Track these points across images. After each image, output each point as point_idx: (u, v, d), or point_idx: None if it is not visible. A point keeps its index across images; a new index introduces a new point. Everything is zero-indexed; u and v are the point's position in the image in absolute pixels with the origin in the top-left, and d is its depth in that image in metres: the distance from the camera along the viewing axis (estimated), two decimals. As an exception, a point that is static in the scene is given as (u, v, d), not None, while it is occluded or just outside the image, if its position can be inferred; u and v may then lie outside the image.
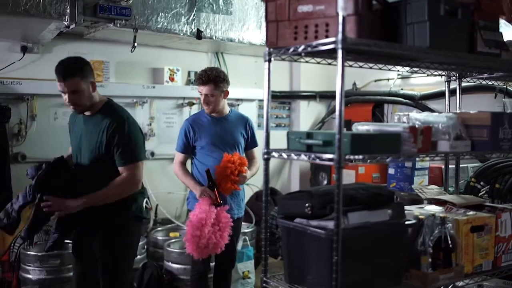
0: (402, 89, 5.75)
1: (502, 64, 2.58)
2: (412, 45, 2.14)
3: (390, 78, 5.84)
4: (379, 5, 2.09)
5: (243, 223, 4.43)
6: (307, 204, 2.09)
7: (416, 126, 2.26)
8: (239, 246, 4.53)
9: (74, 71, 2.98)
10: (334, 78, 1.94)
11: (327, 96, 6.53)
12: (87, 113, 3.14)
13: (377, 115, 5.99)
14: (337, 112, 1.91)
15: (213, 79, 3.81)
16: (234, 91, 4.22)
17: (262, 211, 2.35)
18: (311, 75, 6.44)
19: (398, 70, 2.71)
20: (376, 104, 6.02)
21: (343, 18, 1.88)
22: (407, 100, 5.59)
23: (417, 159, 2.08)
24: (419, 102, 5.47)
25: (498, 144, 2.50)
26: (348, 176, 5.35)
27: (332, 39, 1.93)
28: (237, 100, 5.94)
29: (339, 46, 1.88)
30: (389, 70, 2.67)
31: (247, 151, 4.04)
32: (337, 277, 1.92)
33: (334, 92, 1.95)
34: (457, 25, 2.26)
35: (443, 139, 2.39)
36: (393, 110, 5.80)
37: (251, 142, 4.04)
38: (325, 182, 5.83)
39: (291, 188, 6.43)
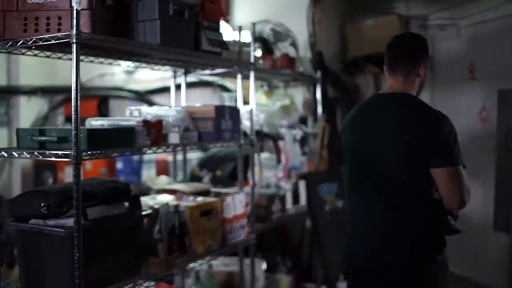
0: (127, 84, 5.81)
1: (222, 61, 2.85)
2: (144, 42, 2.22)
3: (115, 73, 5.84)
4: (112, 1, 2.11)
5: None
6: (42, 204, 2.00)
7: (149, 119, 2.35)
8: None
9: None
10: (57, 72, 1.91)
11: (49, 91, 6.21)
12: None
13: (103, 111, 5.95)
14: (73, 108, 1.88)
15: None
16: None
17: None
18: (32, 68, 6.06)
19: (128, 66, 2.77)
20: (101, 99, 5.96)
21: (77, 12, 1.86)
22: (132, 95, 5.68)
23: (149, 151, 2.17)
24: (144, 96, 5.62)
25: (221, 134, 2.78)
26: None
27: (66, 33, 1.89)
28: None
29: (74, 40, 1.86)
30: (119, 65, 2.71)
31: None
32: (80, 274, 1.91)
33: (57, 87, 1.92)
34: (184, 25, 2.41)
35: (173, 132, 2.54)
36: (119, 105, 5.82)
37: None
38: (51, 181, 5.55)
39: (13, 190, 5.97)
